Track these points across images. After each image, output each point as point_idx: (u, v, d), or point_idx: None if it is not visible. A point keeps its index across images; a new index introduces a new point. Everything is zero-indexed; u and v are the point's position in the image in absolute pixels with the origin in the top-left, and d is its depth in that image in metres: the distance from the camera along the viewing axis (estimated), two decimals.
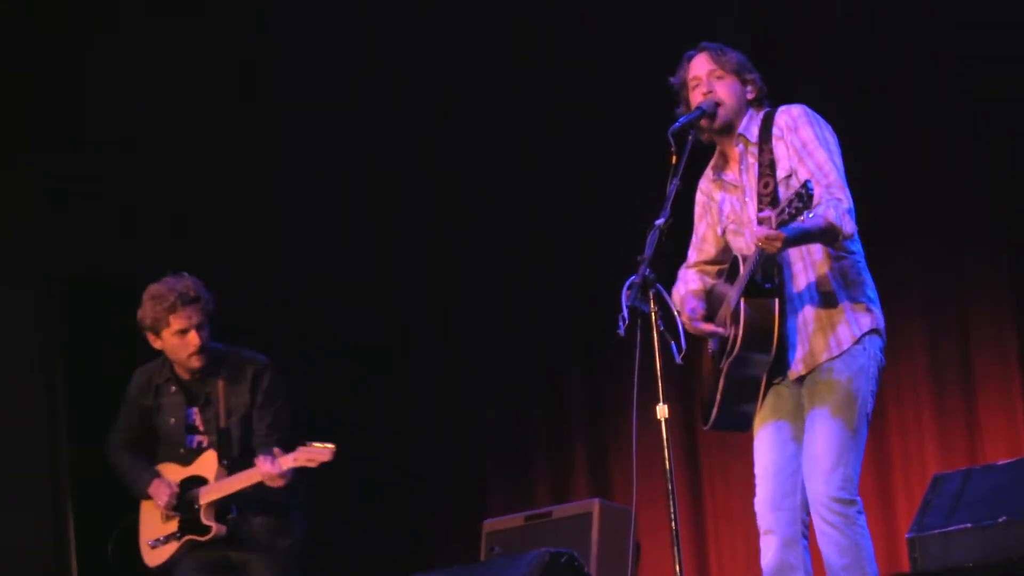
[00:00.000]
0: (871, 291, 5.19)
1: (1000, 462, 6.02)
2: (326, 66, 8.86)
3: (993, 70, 7.12)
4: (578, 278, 8.25)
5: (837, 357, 5.11)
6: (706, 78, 5.26)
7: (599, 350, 8.02)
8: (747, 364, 5.13)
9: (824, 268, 5.13)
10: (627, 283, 5.04)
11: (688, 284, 5.39)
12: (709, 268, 5.42)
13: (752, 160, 5.22)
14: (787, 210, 4.77)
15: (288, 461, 6.16)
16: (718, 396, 5.19)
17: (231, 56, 8.77)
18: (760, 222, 4.87)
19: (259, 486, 6.26)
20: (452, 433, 8.48)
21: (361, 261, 8.76)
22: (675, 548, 5.00)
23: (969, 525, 5.51)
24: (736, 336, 5.08)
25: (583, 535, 6.82)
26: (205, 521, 6.34)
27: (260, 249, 8.71)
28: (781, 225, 4.80)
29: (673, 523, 4.98)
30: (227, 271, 8.61)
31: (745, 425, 5.28)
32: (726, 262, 5.35)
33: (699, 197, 5.43)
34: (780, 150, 5.17)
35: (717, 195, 5.36)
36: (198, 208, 8.74)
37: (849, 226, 5.00)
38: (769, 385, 5.20)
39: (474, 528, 7.56)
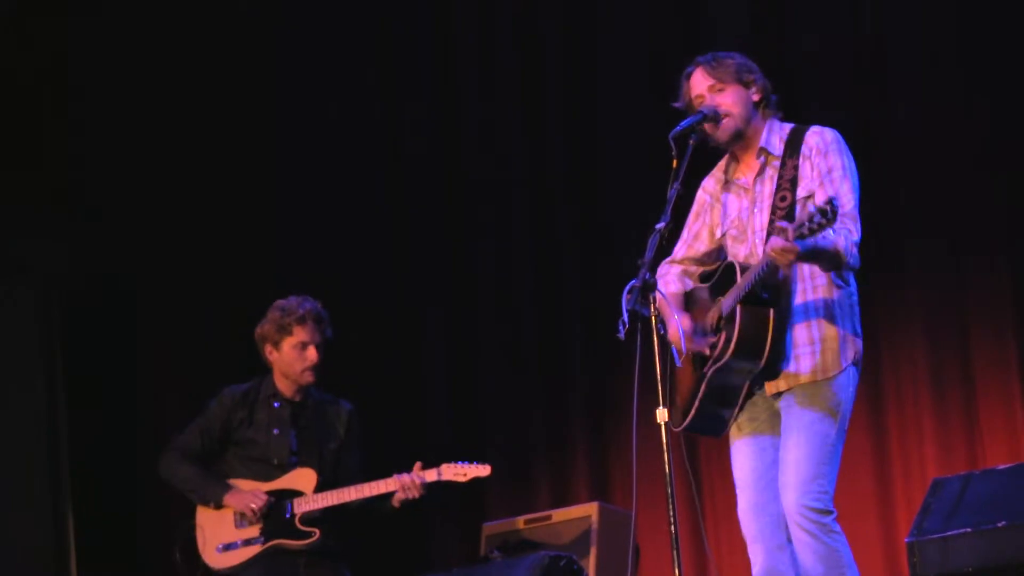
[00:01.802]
0: (858, 325, 5.20)
1: (1000, 467, 6.01)
2: (326, 66, 8.86)
3: (994, 71, 7.11)
4: (579, 280, 8.24)
5: (818, 381, 5.12)
6: (708, 94, 5.25)
7: (600, 353, 8.02)
8: (733, 371, 5.13)
9: (823, 294, 5.14)
10: (627, 287, 5.04)
11: (668, 286, 5.38)
12: (693, 268, 5.42)
13: (772, 172, 5.21)
14: (807, 224, 4.73)
15: (431, 475, 6.60)
16: (697, 400, 5.18)
17: (232, 56, 8.76)
18: (775, 232, 4.87)
19: (341, 510, 6.65)
20: (453, 435, 8.47)
21: (361, 262, 8.75)
22: (674, 551, 5.00)
23: (969, 529, 5.50)
24: (729, 342, 5.08)
25: (582, 538, 6.82)
26: (304, 527, 6.61)
27: (260, 250, 8.70)
28: (799, 239, 4.79)
29: (672, 526, 4.98)
30: (227, 272, 8.64)
31: (719, 430, 5.29)
32: (711, 263, 5.36)
33: (701, 195, 5.43)
34: (806, 169, 5.16)
35: (723, 197, 5.35)
36: (199, 208, 8.73)
37: (854, 258, 5.02)
38: (748, 395, 5.21)
39: (474, 531, 7.56)
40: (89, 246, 8.61)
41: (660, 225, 5.05)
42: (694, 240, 5.43)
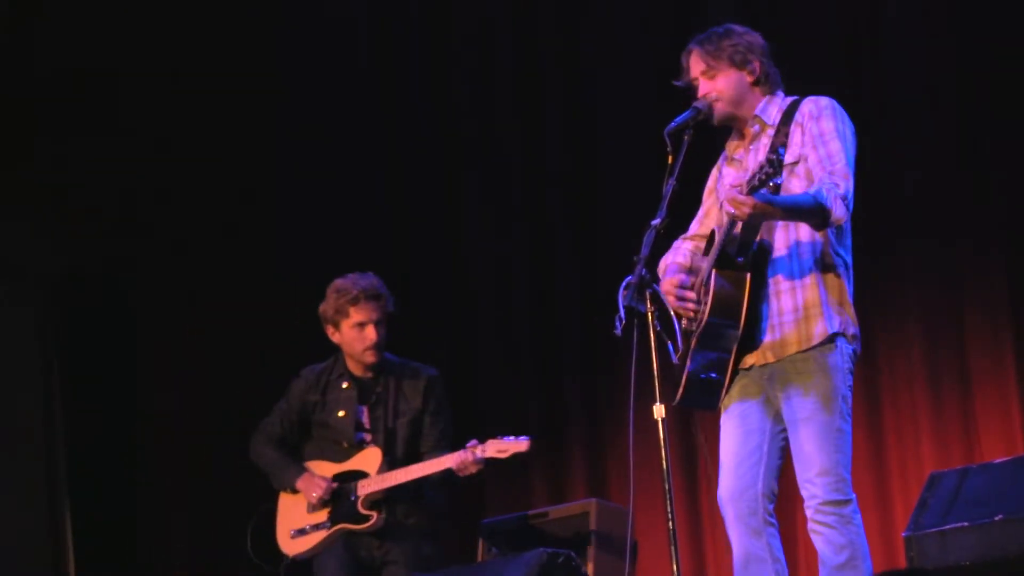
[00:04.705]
0: (850, 297, 5.17)
1: (996, 460, 6.01)
2: (327, 66, 8.87)
3: (992, 69, 7.11)
4: (577, 278, 8.25)
5: (806, 351, 5.10)
6: (701, 80, 5.27)
7: (597, 350, 8.02)
8: (715, 337, 5.11)
9: (809, 263, 5.12)
10: (624, 283, 5.05)
11: (676, 256, 5.39)
12: (703, 244, 5.40)
13: (766, 140, 5.21)
14: (758, 175, 4.76)
15: (483, 451, 6.43)
16: (686, 370, 5.16)
17: (232, 54, 8.76)
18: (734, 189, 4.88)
19: (418, 485, 6.53)
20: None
21: (361, 262, 8.75)
22: (672, 547, 5.00)
23: (966, 524, 5.50)
24: (705, 305, 5.08)
25: (580, 535, 6.80)
26: (364, 511, 6.53)
27: (260, 250, 8.71)
28: (752, 191, 4.79)
29: (670, 522, 4.98)
30: (227, 271, 8.65)
31: (711, 403, 5.24)
32: None
33: (714, 172, 5.45)
34: (796, 136, 5.15)
35: (725, 172, 5.35)
36: (199, 208, 8.74)
37: (840, 210, 4.96)
38: (736, 372, 5.18)
39: (472, 528, 7.56)
40: (89, 246, 8.62)
41: (656, 221, 5.06)
42: (705, 217, 5.44)
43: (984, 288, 7.09)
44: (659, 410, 5.04)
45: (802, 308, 5.10)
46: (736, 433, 5.23)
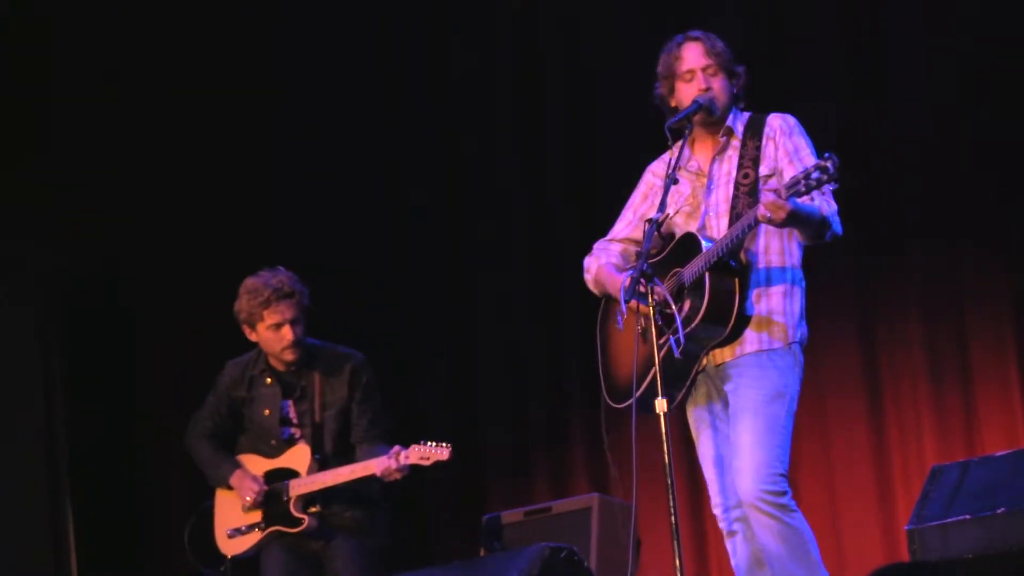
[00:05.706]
0: (804, 308, 5.24)
1: (998, 453, 6.01)
2: (326, 66, 8.87)
3: (992, 69, 7.12)
4: (578, 272, 8.24)
5: (763, 352, 5.14)
6: (701, 74, 5.29)
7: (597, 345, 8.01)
8: (695, 341, 5.12)
9: (778, 274, 5.19)
10: (624, 278, 5.06)
11: (610, 257, 5.42)
12: (633, 248, 5.45)
13: (732, 153, 5.27)
14: (803, 182, 4.78)
15: (406, 457, 6.28)
16: (651, 373, 5.11)
17: (232, 54, 8.77)
18: (765, 191, 4.91)
19: (353, 481, 6.39)
20: (451, 428, 8.47)
21: (360, 261, 8.77)
22: (675, 542, 5.00)
23: (968, 516, 5.50)
24: (698, 310, 5.08)
25: (583, 530, 6.80)
26: (296, 514, 6.45)
27: (260, 250, 8.70)
28: (795, 195, 4.81)
29: (672, 517, 4.99)
30: (227, 271, 8.64)
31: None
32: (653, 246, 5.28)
33: (650, 179, 5.49)
34: (769, 149, 5.23)
35: (681, 178, 5.32)
36: (199, 208, 8.75)
37: (839, 227, 5.10)
38: (697, 370, 5.20)
39: (474, 523, 7.56)
40: (89, 246, 8.62)
41: (657, 215, 5.08)
42: (639, 221, 5.46)
43: (985, 285, 7.10)
44: (661, 404, 5.04)
45: (766, 313, 5.14)
46: (714, 443, 5.29)
